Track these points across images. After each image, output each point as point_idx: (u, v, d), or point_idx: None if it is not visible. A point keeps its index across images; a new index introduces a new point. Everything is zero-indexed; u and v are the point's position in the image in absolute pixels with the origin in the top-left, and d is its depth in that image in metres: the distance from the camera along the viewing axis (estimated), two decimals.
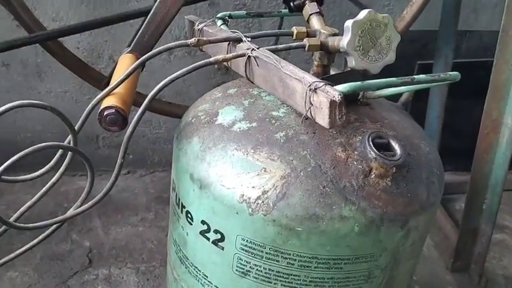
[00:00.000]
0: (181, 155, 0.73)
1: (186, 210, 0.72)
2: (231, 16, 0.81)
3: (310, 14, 0.75)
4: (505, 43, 1.07)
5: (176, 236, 0.78)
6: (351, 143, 0.67)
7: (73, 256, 1.35)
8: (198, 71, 0.67)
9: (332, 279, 0.67)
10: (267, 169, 0.65)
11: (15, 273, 1.29)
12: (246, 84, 0.78)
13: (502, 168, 1.19)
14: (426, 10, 1.44)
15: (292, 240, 0.64)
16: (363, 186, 0.64)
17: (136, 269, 1.32)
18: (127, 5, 1.42)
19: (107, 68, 1.45)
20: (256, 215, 0.63)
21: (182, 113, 0.81)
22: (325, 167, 0.65)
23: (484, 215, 1.26)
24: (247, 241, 0.66)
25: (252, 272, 0.68)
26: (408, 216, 0.66)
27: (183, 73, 0.62)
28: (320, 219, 0.62)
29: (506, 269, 1.41)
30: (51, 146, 0.65)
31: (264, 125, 0.69)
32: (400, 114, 0.79)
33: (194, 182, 0.69)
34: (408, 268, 0.75)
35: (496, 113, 1.14)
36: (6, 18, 1.37)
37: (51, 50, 1.14)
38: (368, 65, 0.63)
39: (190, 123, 0.75)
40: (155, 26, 0.81)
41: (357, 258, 0.66)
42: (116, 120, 0.66)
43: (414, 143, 0.73)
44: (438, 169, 0.73)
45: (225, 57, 0.66)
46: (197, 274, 0.74)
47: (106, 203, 1.55)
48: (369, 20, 0.61)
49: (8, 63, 1.47)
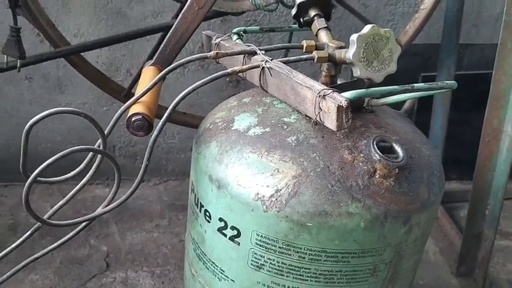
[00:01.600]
0: (200, 158, 0.79)
1: (205, 209, 0.78)
2: (245, 31, 0.88)
3: (318, 28, 0.81)
4: (503, 55, 1.13)
5: (195, 234, 0.84)
6: (357, 146, 0.73)
7: (91, 260, 1.41)
8: (211, 84, 0.74)
9: (340, 272, 0.72)
10: (279, 170, 0.70)
11: (36, 277, 1.35)
12: (259, 94, 0.85)
13: (504, 175, 1.23)
14: (429, 24, 1.50)
15: (303, 235, 0.69)
16: (368, 185, 0.70)
17: (151, 273, 1.38)
18: (144, 22, 1.50)
19: (124, 81, 1.52)
20: (270, 212, 0.69)
21: (196, 123, 0.87)
22: (333, 167, 0.71)
23: (486, 221, 1.30)
24: (262, 236, 0.71)
25: (266, 266, 0.73)
26: (410, 213, 0.71)
27: (206, 82, 0.69)
28: (329, 216, 0.68)
29: (511, 274, 1.45)
30: (83, 149, 0.71)
31: (277, 130, 0.75)
32: (403, 121, 0.85)
33: (212, 183, 0.75)
34: (411, 264, 0.80)
35: (496, 121, 1.19)
36: (31, 35, 1.45)
37: (75, 63, 1.21)
38: (371, 75, 0.69)
39: (208, 129, 0.82)
40: (176, 40, 0.88)
41: (363, 252, 0.71)
42: (143, 125, 0.73)
43: (416, 146, 0.79)
44: (438, 171, 0.79)
45: (242, 69, 0.73)
46: (214, 269, 0.80)
47: (121, 210, 1.62)
48: (372, 34, 0.68)
49: (30, 76, 1.55)
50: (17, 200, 1.64)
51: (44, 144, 1.64)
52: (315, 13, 0.83)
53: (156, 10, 1.50)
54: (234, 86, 1.62)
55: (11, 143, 1.65)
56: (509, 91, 1.15)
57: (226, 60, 0.83)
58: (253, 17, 1.53)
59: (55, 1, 1.44)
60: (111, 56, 1.54)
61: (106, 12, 1.48)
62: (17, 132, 1.63)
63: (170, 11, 1.45)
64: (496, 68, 1.15)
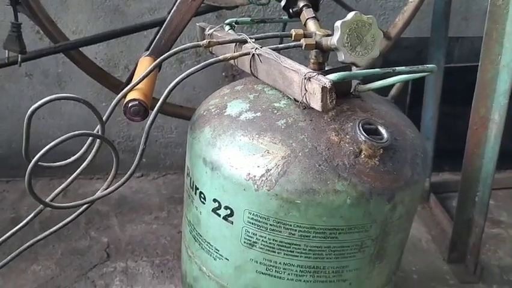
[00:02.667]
0: (194, 142, 0.83)
1: (199, 191, 0.82)
2: (237, 22, 0.91)
3: (307, 18, 0.85)
4: (489, 45, 1.17)
5: (191, 216, 0.87)
6: (344, 128, 0.77)
7: (92, 251, 1.45)
8: (208, 79, 0.77)
9: (328, 248, 0.76)
10: (269, 151, 0.74)
11: (38, 267, 1.38)
12: (251, 82, 0.89)
13: (492, 162, 1.27)
14: (420, 19, 1.54)
15: (293, 212, 0.73)
16: (354, 164, 0.74)
17: (151, 262, 1.41)
18: (141, 18, 1.53)
19: (122, 77, 1.55)
20: (261, 191, 0.73)
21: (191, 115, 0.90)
22: (320, 148, 0.74)
23: (476, 207, 1.33)
24: (254, 214, 0.75)
25: (258, 243, 0.77)
26: (394, 191, 0.75)
27: (197, 69, 0.73)
28: (317, 193, 0.72)
29: (501, 260, 1.49)
30: (83, 134, 0.75)
31: (267, 114, 0.79)
32: (389, 106, 0.88)
33: (206, 165, 0.79)
34: (397, 241, 0.83)
35: (483, 110, 1.23)
36: (31, 32, 1.49)
37: (74, 58, 1.25)
38: (355, 59, 0.73)
39: (202, 116, 0.85)
40: (171, 32, 0.92)
41: (350, 228, 0.75)
42: (139, 111, 0.76)
43: (400, 129, 0.82)
44: (422, 152, 0.82)
45: (233, 55, 0.77)
46: (209, 249, 0.84)
47: (121, 203, 1.66)
48: (355, 20, 0.72)
49: (31, 73, 1.59)
50: (19, 194, 1.67)
51: (45, 139, 1.68)
52: (303, 4, 0.87)
53: (153, 7, 1.53)
54: (230, 81, 1.66)
55: (12, 139, 1.69)
56: (495, 80, 1.19)
57: (219, 49, 0.87)
58: (247, 12, 1.56)
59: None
60: (109, 52, 1.58)
61: (104, 10, 1.52)
62: (17, 128, 1.67)
63: (167, 8, 1.49)
64: (482, 58, 1.19)
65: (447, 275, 1.41)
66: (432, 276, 1.41)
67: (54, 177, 1.72)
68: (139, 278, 1.36)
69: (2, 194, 1.68)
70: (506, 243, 1.56)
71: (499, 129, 1.22)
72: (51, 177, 1.72)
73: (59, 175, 1.70)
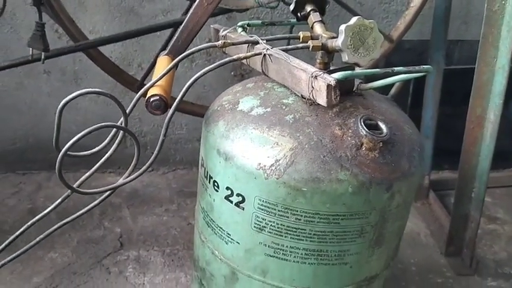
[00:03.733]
0: (209, 135, 0.90)
1: (213, 180, 0.89)
2: (249, 24, 0.99)
3: (314, 22, 0.92)
4: (485, 48, 1.24)
5: (204, 204, 0.94)
6: (347, 123, 0.83)
7: (106, 240, 1.52)
8: (217, 78, 0.84)
9: (331, 233, 0.83)
10: (279, 143, 0.81)
11: (56, 255, 1.46)
12: (261, 80, 0.96)
13: (487, 159, 1.33)
14: (421, 22, 1.61)
15: (299, 199, 0.80)
16: (356, 156, 0.80)
17: (162, 252, 1.49)
18: (155, 19, 1.61)
19: (136, 74, 1.63)
20: (270, 179, 0.80)
21: (202, 112, 0.97)
22: (325, 141, 0.81)
23: (472, 203, 1.40)
24: (263, 201, 0.82)
25: (267, 228, 0.84)
26: (392, 181, 0.82)
27: (215, 67, 0.80)
28: (321, 182, 0.79)
29: (497, 254, 1.55)
30: (108, 126, 0.82)
31: (277, 110, 0.86)
32: (389, 104, 0.95)
33: (220, 156, 0.86)
34: (395, 228, 0.90)
35: (479, 109, 1.30)
36: (50, 31, 1.56)
37: (93, 57, 1.32)
38: (358, 60, 0.80)
39: (216, 111, 0.92)
40: (188, 33, 0.99)
41: (351, 215, 0.82)
42: (160, 105, 0.84)
43: (399, 125, 0.89)
44: (419, 147, 0.89)
45: (246, 55, 0.84)
46: (221, 233, 0.91)
47: (133, 196, 1.73)
48: (358, 25, 0.79)
49: (49, 70, 1.66)
50: (35, 186, 1.75)
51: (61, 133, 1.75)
52: (311, 8, 0.94)
53: (166, 8, 1.61)
54: (239, 80, 1.73)
55: (29, 134, 1.77)
56: (491, 81, 1.25)
57: (232, 50, 0.94)
58: (256, 14, 1.64)
59: (72, 0, 1.55)
60: (124, 51, 1.66)
61: (120, 11, 1.60)
62: (35, 123, 1.75)
63: (180, 9, 1.56)
64: (479, 61, 1.25)
65: (444, 268, 1.48)
66: (430, 269, 1.48)
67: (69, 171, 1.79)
68: (151, 266, 1.43)
69: (19, 185, 1.76)
70: (501, 239, 1.62)
71: (494, 128, 1.28)
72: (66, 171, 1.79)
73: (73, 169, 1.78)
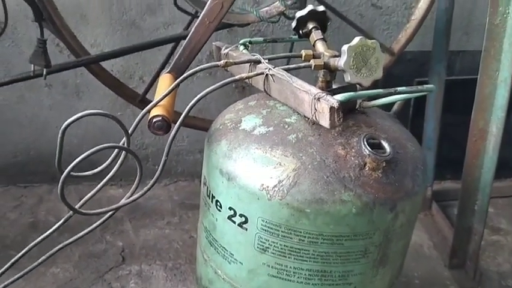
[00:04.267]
0: (211, 154, 0.89)
1: (216, 200, 0.88)
2: (251, 42, 0.98)
3: (315, 39, 0.92)
4: (487, 62, 1.23)
5: (207, 223, 0.94)
6: (350, 142, 0.83)
7: (108, 254, 1.52)
8: (219, 90, 0.84)
9: (335, 253, 0.82)
10: (281, 163, 0.81)
11: (57, 270, 1.45)
12: (263, 98, 0.95)
13: (490, 172, 1.33)
14: (423, 34, 1.61)
15: (303, 220, 0.79)
16: (359, 176, 0.80)
17: (164, 266, 1.48)
18: (156, 32, 1.61)
19: (137, 88, 1.62)
20: (273, 200, 0.79)
21: (205, 126, 0.97)
22: (328, 161, 0.81)
23: (476, 215, 1.39)
24: (266, 222, 0.82)
25: (270, 248, 0.84)
26: (396, 201, 0.82)
27: (218, 86, 0.80)
28: (325, 203, 0.78)
29: (500, 266, 1.54)
30: (110, 147, 0.82)
31: (279, 129, 0.86)
32: (391, 121, 0.95)
33: (223, 176, 0.85)
34: (399, 248, 0.90)
35: (482, 122, 1.29)
36: (50, 44, 1.56)
37: (95, 72, 1.32)
38: (360, 80, 0.80)
39: (218, 129, 0.92)
40: (190, 51, 0.99)
41: (355, 235, 0.81)
42: (162, 126, 0.83)
43: (402, 143, 0.89)
44: (422, 165, 0.89)
45: (248, 75, 0.84)
46: (224, 253, 0.90)
47: (135, 209, 1.73)
48: (360, 45, 0.78)
49: (50, 83, 1.66)
50: (37, 199, 1.75)
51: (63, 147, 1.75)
52: (312, 26, 0.93)
53: (167, 21, 1.61)
54: (240, 92, 1.73)
55: (30, 147, 1.77)
56: (493, 94, 1.25)
57: (234, 68, 0.94)
58: (257, 27, 1.64)
59: (74, 13, 1.55)
60: (125, 64, 1.66)
61: (121, 24, 1.60)
62: (36, 136, 1.75)
63: (181, 22, 1.57)
64: (481, 74, 1.25)
65: (447, 281, 1.47)
66: (433, 282, 1.47)
67: (70, 184, 1.79)
68: (153, 280, 1.43)
69: (21, 199, 1.75)
70: (505, 250, 1.62)
71: (497, 141, 1.28)
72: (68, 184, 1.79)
73: (75, 182, 1.78)
